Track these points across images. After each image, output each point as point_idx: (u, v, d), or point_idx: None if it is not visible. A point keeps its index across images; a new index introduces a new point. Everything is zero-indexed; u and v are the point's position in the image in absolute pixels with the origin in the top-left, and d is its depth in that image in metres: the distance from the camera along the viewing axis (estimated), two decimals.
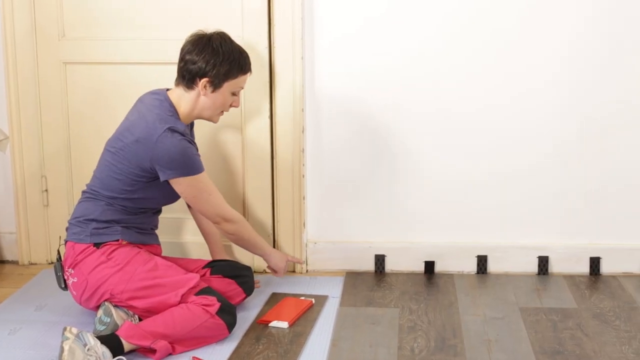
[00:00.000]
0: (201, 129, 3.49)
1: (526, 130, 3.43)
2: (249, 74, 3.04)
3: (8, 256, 3.76)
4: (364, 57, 3.42)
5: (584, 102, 3.40)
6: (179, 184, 2.93)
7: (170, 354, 2.79)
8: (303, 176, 3.51)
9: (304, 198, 3.53)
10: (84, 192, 3.06)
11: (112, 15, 3.46)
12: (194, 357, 2.77)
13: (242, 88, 3.05)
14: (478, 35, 3.37)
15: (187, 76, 2.95)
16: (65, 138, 3.57)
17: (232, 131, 3.50)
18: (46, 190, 3.63)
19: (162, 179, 2.91)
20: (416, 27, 3.38)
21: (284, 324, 3.00)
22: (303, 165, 3.50)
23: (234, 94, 3.02)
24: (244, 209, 3.55)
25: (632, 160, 3.44)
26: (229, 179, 3.54)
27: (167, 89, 3.03)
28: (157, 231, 3.17)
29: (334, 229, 3.59)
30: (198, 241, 3.48)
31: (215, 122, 3.08)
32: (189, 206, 3.30)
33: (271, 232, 3.57)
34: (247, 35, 3.40)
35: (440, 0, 3.35)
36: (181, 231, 3.60)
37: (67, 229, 3.05)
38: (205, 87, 2.95)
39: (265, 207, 3.55)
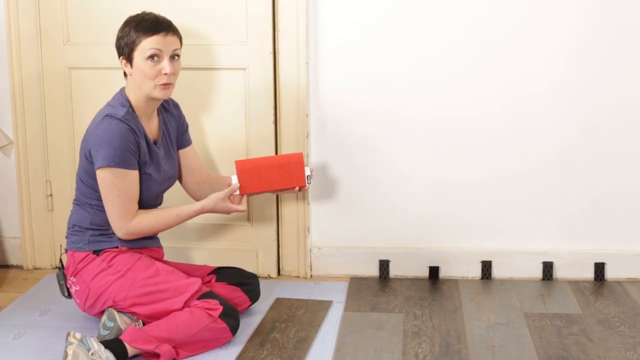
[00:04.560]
0: (207, 132, 3.49)
1: (530, 135, 3.43)
2: (157, 35, 2.85)
3: (12, 261, 3.77)
4: (367, 63, 3.42)
5: (588, 105, 3.39)
6: (99, 174, 2.86)
7: (174, 359, 2.79)
8: None
9: (308, 203, 3.53)
10: (73, 201, 3.07)
11: (117, 21, 3.43)
12: None
13: (160, 51, 2.85)
14: (480, 39, 3.37)
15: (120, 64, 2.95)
16: (70, 143, 3.58)
17: (237, 136, 3.50)
18: (51, 195, 3.64)
19: (95, 167, 2.86)
20: (419, 33, 3.38)
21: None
22: None
23: (151, 58, 2.84)
24: (249, 214, 3.55)
25: (637, 165, 3.43)
26: None
27: None
28: (162, 235, 3.16)
29: (338, 234, 3.59)
30: (202, 247, 3.48)
31: (160, 97, 2.91)
32: (180, 180, 3.20)
33: (275, 237, 3.57)
34: (251, 40, 3.41)
35: (440, 8, 3.35)
36: (185, 237, 3.59)
37: (66, 238, 3.05)
38: (125, 65, 2.91)
39: (270, 213, 3.55)
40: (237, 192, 2.99)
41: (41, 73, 3.54)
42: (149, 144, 2.95)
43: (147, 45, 2.86)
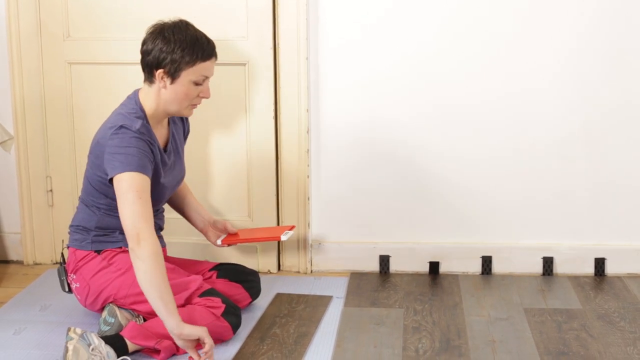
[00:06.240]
0: (207, 127, 3.49)
1: (530, 131, 3.43)
2: (210, 60, 2.82)
3: (13, 256, 3.77)
4: (368, 59, 3.42)
5: (589, 101, 3.39)
6: (117, 179, 2.72)
7: (174, 354, 2.79)
8: (308, 177, 3.51)
9: (308, 198, 3.53)
10: (79, 198, 3.04)
11: (117, 16, 3.46)
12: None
13: (207, 77, 2.84)
14: (480, 38, 3.36)
15: (146, 69, 2.84)
16: (70, 138, 3.58)
17: (237, 131, 3.50)
18: (51, 191, 3.64)
19: (108, 176, 2.76)
20: (421, 31, 3.38)
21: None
22: (308, 165, 3.50)
23: (197, 83, 2.81)
24: (249, 209, 3.56)
25: (637, 162, 3.43)
26: (233, 179, 3.54)
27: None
28: (164, 231, 3.16)
29: (338, 229, 3.59)
30: (205, 242, 3.48)
31: (186, 115, 2.91)
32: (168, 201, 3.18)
33: None
34: (251, 35, 3.40)
35: (440, 8, 3.35)
36: (188, 232, 3.59)
37: (69, 234, 3.05)
38: (162, 78, 2.80)
39: (270, 208, 3.55)
40: (219, 241, 3.17)
41: (41, 68, 3.53)
42: (162, 154, 2.91)
43: (200, 70, 2.80)
